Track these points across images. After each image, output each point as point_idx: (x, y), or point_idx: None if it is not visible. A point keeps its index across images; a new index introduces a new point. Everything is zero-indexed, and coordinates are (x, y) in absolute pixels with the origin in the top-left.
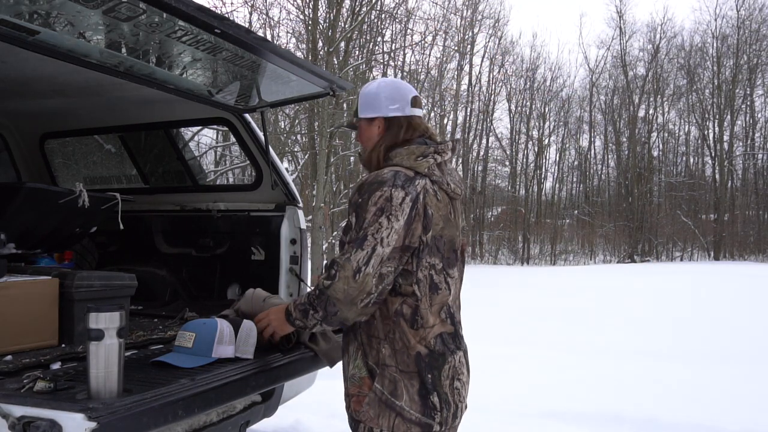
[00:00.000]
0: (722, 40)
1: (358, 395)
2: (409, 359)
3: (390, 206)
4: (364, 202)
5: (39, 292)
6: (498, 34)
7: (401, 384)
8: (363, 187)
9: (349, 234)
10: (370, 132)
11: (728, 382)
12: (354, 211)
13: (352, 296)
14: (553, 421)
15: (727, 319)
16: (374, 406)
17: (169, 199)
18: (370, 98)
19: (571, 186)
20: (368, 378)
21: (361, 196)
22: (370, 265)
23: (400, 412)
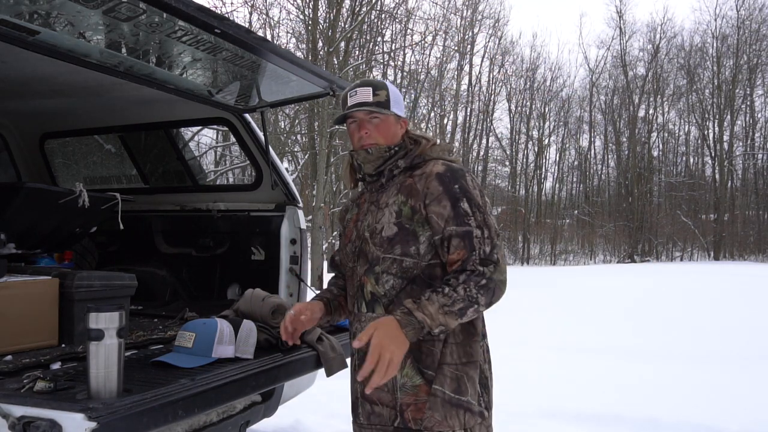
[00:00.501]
0: (722, 40)
1: (415, 403)
2: (473, 348)
3: (481, 188)
4: (468, 187)
5: (39, 292)
6: (498, 34)
7: (464, 379)
8: (445, 176)
9: (470, 220)
10: (396, 128)
11: (728, 382)
12: (462, 197)
13: (506, 273)
14: (553, 421)
15: (727, 319)
16: (439, 409)
17: (169, 199)
18: (399, 98)
19: (571, 186)
20: (424, 384)
21: (454, 182)
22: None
23: (468, 408)
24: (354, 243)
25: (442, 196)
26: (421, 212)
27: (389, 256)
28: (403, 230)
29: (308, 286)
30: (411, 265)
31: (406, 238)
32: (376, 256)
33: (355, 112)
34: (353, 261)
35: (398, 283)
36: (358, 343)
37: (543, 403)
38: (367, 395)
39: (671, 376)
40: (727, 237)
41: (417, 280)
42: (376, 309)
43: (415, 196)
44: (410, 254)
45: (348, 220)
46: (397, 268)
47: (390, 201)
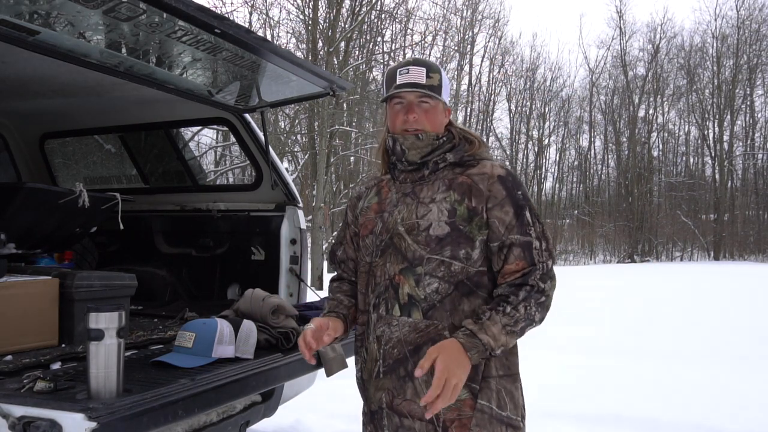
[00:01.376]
0: (722, 40)
1: (459, 419)
2: (511, 360)
3: None
4: (527, 195)
5: (39, 292)
6: (498, 34)
7: (503, 392)
8: (507, 180)
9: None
10: (443, 117)
11: (728, 382)
12: (525, 205)
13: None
14: (553, 421)
15: (728, 319)
16: (486, 426)
17: (169, 199)
18: (448, 85)
19: (571, 186)
20: (470, 398)
21: (516, 188)
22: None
23: (509, 423)
24: (379, 236)
25: (506, 201)
26: (482, 215)
27: (436, 257)
28: (456, 231)
29: (308, 286)
30: (459, 270)
31: (458, 239)
32: (419, 255)
33: (405, 93)
34: (375, 255)
35: (444, 288)
36: (420, 372)
37: (543, 403)
38: (395, 407)
39: (671, 376)
40: (727, 237)
41: (461, 287)
42: (412, 313)
43: (476, 197)
44: (460, 258)
45: (365, 208)
46: (445, 272)
47: (438, 197)
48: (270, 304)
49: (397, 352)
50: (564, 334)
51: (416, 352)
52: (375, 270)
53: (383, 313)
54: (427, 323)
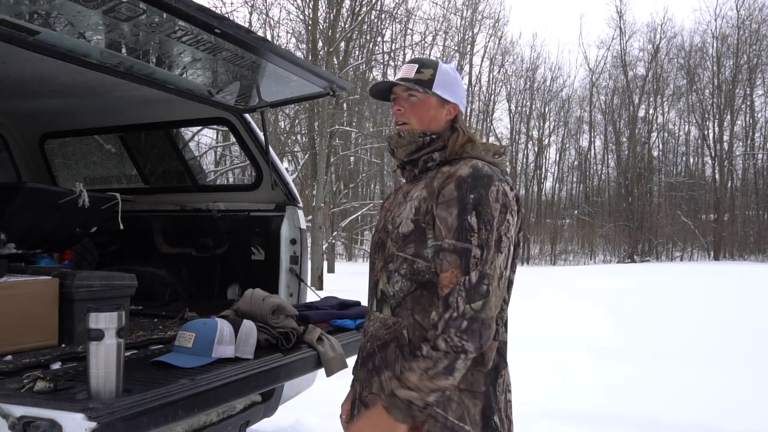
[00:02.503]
0: (722, 40)
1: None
2: (476, 377)
3: (508, 201)
4: (484, 200)
5: (39, 292)
6: (498, 34)
7: (462, 406)
8: (464, 182)
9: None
10: (438, 114)
11: (728, 382)
12: (473, 209)
13: (498, 307)
14: (553, 421)
15: (727, 318)
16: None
17: (169, 199)
18: (451, 80)
19: (571, 186)
20: None
21: (471, 190)
22: (507, 269)
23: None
24: (379, 233)
25: (453, 202)
26: (431, 213)
27: (401, 254)
28: (419, 229)
29: (308, 286)
30: (423, 269)
31: (420, 237)
32: (391, 252)
33: (396, 88)
34: (374, 252)
35: (407, 286)
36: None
37: (543, 403)
38: (362, 398)
39: (671, 375)
40: (727, 237)
41: (428, 286)
42: (383, 309)
43: (431, 195)
44: (422, 256)
45: (383, 207)
46: (407, 269)
47: (415, 195)
48: (270, 304)
49: (369, 345)
50: (564, 334)
51: (383, 348)
52: (372, 266)
53: (369, 307)
54: (394, 320)
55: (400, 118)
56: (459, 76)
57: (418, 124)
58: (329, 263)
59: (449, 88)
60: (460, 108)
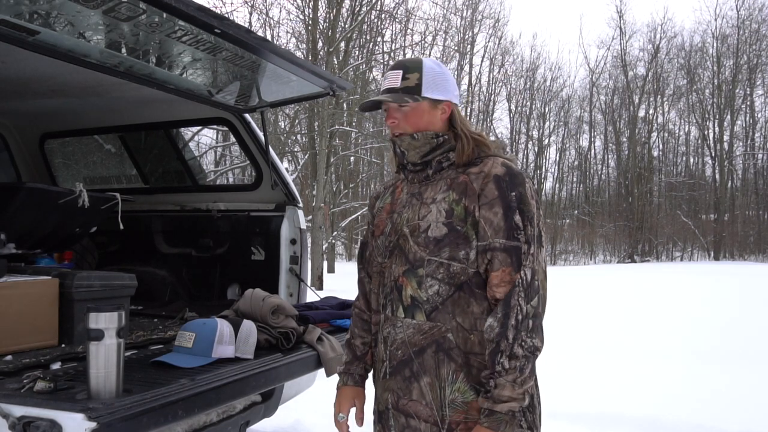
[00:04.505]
0: (722, 40)
1: (465, 421)
2: None
3: (538, 198)
4: (525, 197)
5: (39, 292)
6: (498, 34)
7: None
8: (503, 180)
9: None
10: (432, 116)
11: (728, 382)
12: (516, 208)
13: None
14: (553, 421)
15: (727, 318)
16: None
17: (169, 199)
18: (438, 78)
19: (571, 186)
20: (476, 401)
21: (512, 188)
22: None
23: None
24: (388, 237)
25: (496, 201)
26: (474, 215)
27: (435, 258)
28: (454, 232)
29: (308, 286)
30: (459, 271)
31: (456, 240)
32: (419, 257)
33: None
34: (384, 256)
35: (444, 290)
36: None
37: (543, 403)
38: (400, 407)
39: (671, 376)
40: (727, 237)
41: (464, 287)
42: (416, 315)
43: (470, 196)
44: (459, 259)
45: (379, 208)
46: (444, 273)
47: (439, 197)
48: (270, 304)
49: (401, 353)
50: (564, 334)
51: (421, 353)
52: (384, 271)
53: (389, 314)
54: (431, 325)
55: (396, 130)
56: (444, 68)
57: (414, 130)
58: (329, 263)
59: (438, 86)
60: (453, 101)
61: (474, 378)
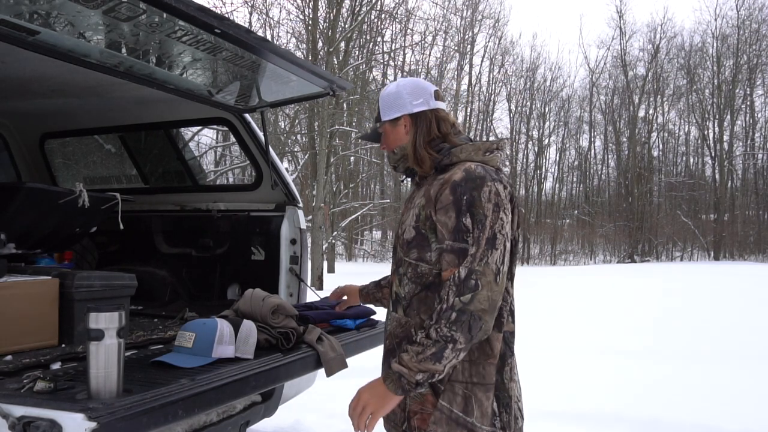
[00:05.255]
0: (722, 40)
1: (421, 412)
2: (487, 369)
3: (501, 200)
4: (477, 201)
5: (39, 292)
6: (498, 34)
7: (472, 399)
8: (458, 186)
9: (468, 237)
10: (396, 133)
11: (728, 382)
12: (467, 211)
13: (496, 302)
14: (553, 421)
15: (727, 318)
16: (442, 425)
17: (169, 199)
18: (391, 99)
19: (571, 186)
20: (431, 395)
21: (464, 193)
22: (504, 264)
23: (472, 429)
24: (394, 239)
25: (450, 206)
26: (431, 218)
27: (407, 259)
28: (420, 235)
29: (308, 286)
30: (426, 271)
31: (422, 243)
32: (399, 257)
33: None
34: (392, 257)
35: (412, 288)
36: None
37: (543, 403)
38: None
39: (671, 376)
40: (727, 237)
41: (432, 287)
42: (398, 310)
43: (429, 202)
44: (425, 260)
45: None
46: (413, 273)
47: (416, 202)
48: (270, 304)
49: (388, 343)
50: (564, 334)
51: (399, 345)
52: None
53: (388, 308)
54: (406, 320)
55: (384, 150)
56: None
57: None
58: (329, 263)
59: (390, 107)
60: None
61: None
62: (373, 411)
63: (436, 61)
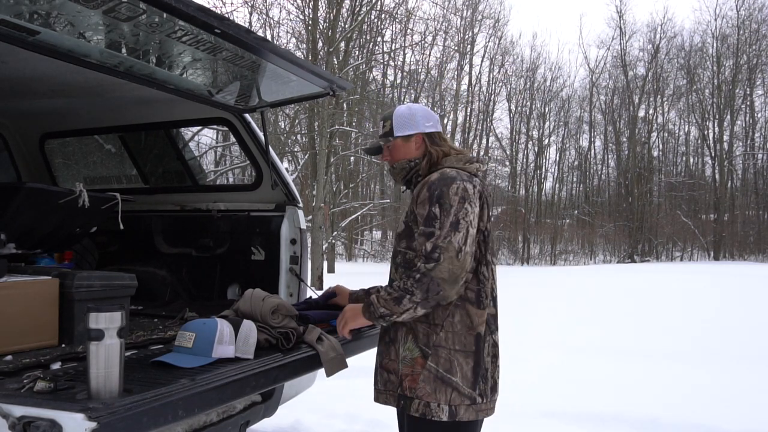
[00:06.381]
0: (722, 40)
1: (411, 374)
2: (468, 339)
3: (468, 195)
4: (445, 194)
5: (39, 292)
6: (498, 34)
7: (455, 363)
8: (433, 184)
9: (436, 222)
10: (407, 147)
11: (728, 382)
12: (436, 202)
13: (456, 274)
14: (553, 421)
15: (727, 318)
16: (429, 383)
17: (169, 199)
18: (405, 118)
19: (571, 186)
20: (420, 358)
21: (436, 189)
22: (467, 245)
23: (456, 387)
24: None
25: (426, 201)
26: (414, 212)
27: (399, 249)
28: (407, 227)
29: (308, 286)
30: (412, 257)
31: (409, 233)
32: (394, 248)
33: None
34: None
35: (401, 272)
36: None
37: (543, 403)
38: (384, 365)
39: (671, 376)
40: (727, 237)
41: None
42: None
43: (413, 199)
44: (412, 248)
45: None
46: (402, 259)
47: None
48: (270, 304)
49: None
50: (564, 334)
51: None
52: None
53: None
54: None
55: (387, 162)
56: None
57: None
58: (329, 263)
59: (405, 125)
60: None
61: (421, 341)
62: (349, 323)
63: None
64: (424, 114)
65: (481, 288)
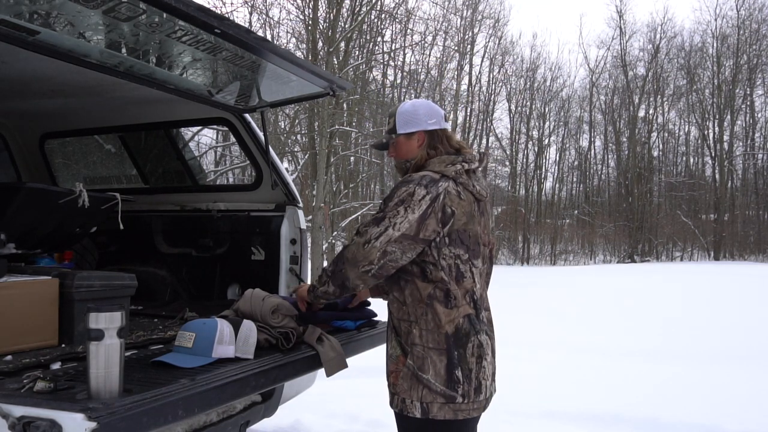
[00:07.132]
0: (722, 40)
1: (396, 371)
2: (439, 337)
3: (410, 200)
4: (392, 194)
5: (39, 292)
6: (498, 34)
7: (428, 360)
8: (401, 181)
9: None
10: (409, 145)
11: (728, 382)
12: (392, 195)
13: (356, 260)
14: (553, 421)
15: (727, 318)
16: (407, 380)
17: (169, 199)
18: (408, 115)
19: (571, 186)
20: (402, 356)
21: (399, 186)
22: (378, 241)
23: (426, 385)
24: None
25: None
26: None
27: None
28: None
29: None
30: None
31: None
32: None
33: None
34: None
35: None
36: None
37: (543, 403)
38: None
39: (671, 376)
40: (727, 237)
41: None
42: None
43: None
44: None
45: None
46: None
47: None
48: (270, 304)
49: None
50: (564, 334)
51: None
52: None
53: None
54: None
55: (392, 158)
56: (417, 106)
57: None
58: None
59: (407, 123)
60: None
61: (402, 338)
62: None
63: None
64: (427, 111)
65: (450, 288)
